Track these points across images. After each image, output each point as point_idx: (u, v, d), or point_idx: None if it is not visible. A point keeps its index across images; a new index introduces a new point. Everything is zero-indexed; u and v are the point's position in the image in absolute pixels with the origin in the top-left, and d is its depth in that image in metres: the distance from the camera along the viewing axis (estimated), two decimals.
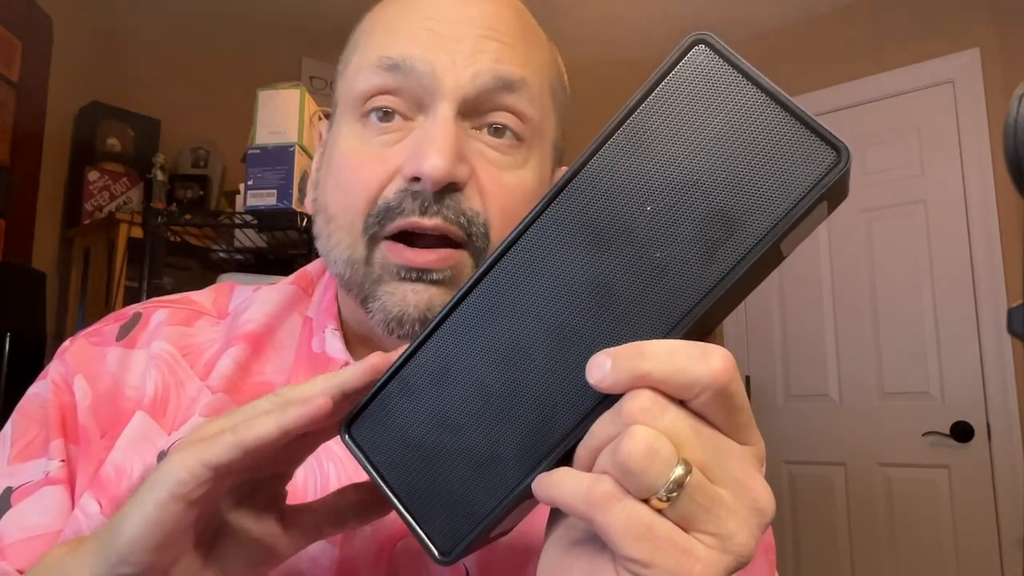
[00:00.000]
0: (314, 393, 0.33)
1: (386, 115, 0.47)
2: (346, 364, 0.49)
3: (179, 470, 0.31)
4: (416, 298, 0.45)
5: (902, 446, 2.33)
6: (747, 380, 2.67)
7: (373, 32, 0.50)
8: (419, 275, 0.45)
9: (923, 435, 2.28)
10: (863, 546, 2.37)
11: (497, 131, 0.47)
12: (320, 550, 0.44)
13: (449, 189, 0.45)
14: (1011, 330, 0.55)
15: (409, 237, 0.46)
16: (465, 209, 0.45)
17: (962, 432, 2.21)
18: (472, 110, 0.46)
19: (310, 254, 1.70)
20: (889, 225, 2.42)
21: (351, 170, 0.47)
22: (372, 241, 0.46)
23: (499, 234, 0.46)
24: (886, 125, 2.45)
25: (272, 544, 0.36)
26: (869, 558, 2.35)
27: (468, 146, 0.46)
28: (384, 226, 0.45)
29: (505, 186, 0.47)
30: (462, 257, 0.46)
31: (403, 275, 0.45)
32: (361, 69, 0.48)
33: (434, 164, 0.43)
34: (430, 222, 0.44)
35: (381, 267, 0.46)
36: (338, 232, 0.48)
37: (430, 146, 0.44)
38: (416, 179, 0.44)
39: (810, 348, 2.54)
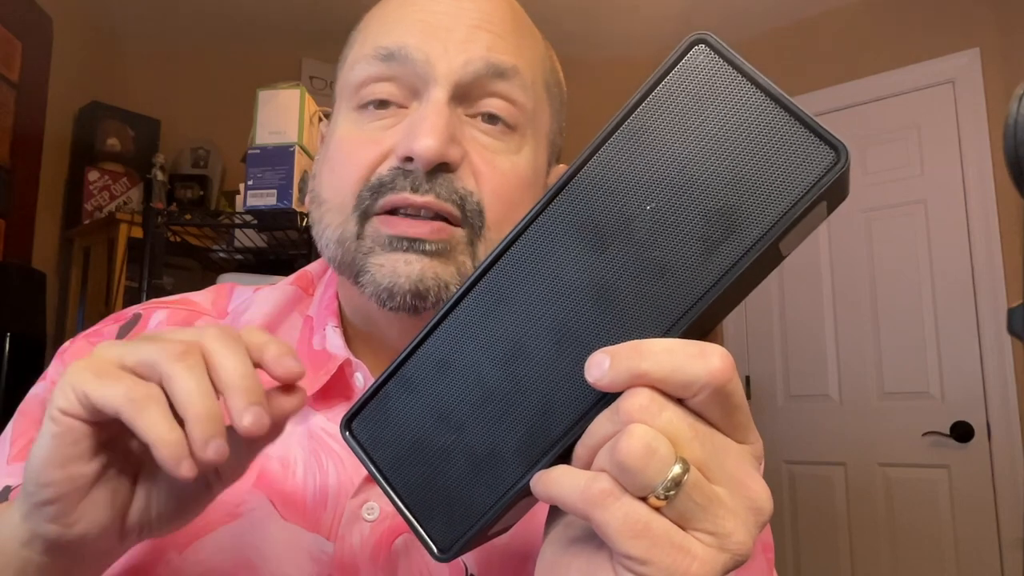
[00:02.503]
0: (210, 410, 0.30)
1: (382, 104, 0.48)
2: (347, 361, 0.49)
3: (66, 389, 0.31)
4: (408, 269, 0.45)
5: (902, 446, 2.33)
6: (747, 380, 2.67)
7: (369, 27, 0.51)
8: (411, 245, 0.45)
9: (923, 435, 2.28)
10: (863, 546, 2.37)
11: (491, 119, 0.48)
12: (318, 546, 0.44)
13: (441, 169, 0.45)
14: (1011, 330, 0.56)
15: (404, 211, 0.46)
16: (458, 187, 0.46)
17: (962, 432, 2.22)
18: (465, 96, 0.47)
19: (310, 254, 1.70)
20: (889, 225, 2.42)
21: (345, 154, 0.48)
22: (363, 217, 0.47)
23: (493, 214, 0.47)
24: (886, 125, 2.45)
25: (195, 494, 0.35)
26: (869, 558, 2.35)
27: (461, 131, 0.47)
28: (376, 201, 0.46)
29: (499, 169, 0.47)
30: (456, 232, 0.46)
31: (395, 245, 0.45)
32: (358, 61, 0.49)
33: (426, 144, 0.44)
34: (422, 199, 0.45)
35: (372, 240, 0.46)
36: (329, 214, 0.48)
37: (422, 125, 0.44)
38: (409, 159, 0.45)
39: (810, 348, 2.54)
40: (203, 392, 0.30)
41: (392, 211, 0.46)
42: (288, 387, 0.34)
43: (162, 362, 0.31)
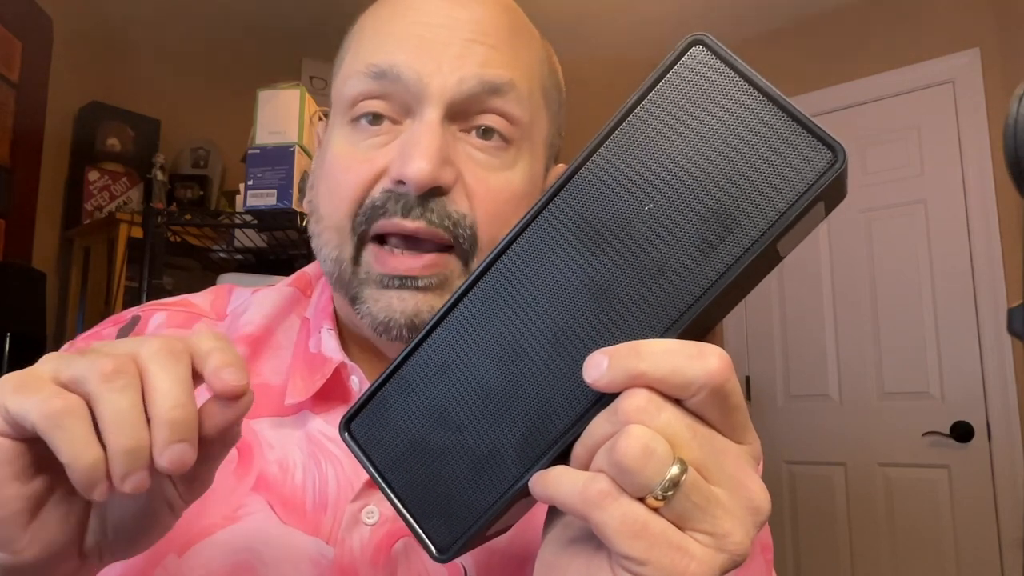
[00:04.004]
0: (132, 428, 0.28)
1: (375, 119, 0.48)
2: (341, 364, 0.49)
3: None
4: (402, 305, 0.45)
5: (902, 446, 2.33)
6: (747, 380, 2.67)
7: (363, 36, 0.51)
8: (403, 282, 0.45)
9: (923, 435, 2.28)
10: (863, 546, 2.37)
11: (485, 133, 0.48)
12: (318, 550, 0.44)
13: (434, 193, 0.45)
14: (1011, 330, 0.56)
15: (396, 239, 0.46)
16: (451, 211, 0.45)
17: (962, 432, 2.21)
18: (459, 113, 0.47)
19: (310, 254, 1.69)
20: (889, 225, 2.42)
21: (340, 171, 0.48)
22: (360, 241, 0.47)
23: (486, 236, 0.46)
24: (886, 125, 2.45)
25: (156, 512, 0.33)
26: (869, 558, 2.35)
27: (455, 149, 0.46)
28: (370, 225, 0.46)
29: (492, 188, 0.47)
30: (449, 261, 0.46)
31: (386, 283, 0.46)
32: (350, 75, 0.49)
33: (419, 167, 0.43)
34: (412, 224, 0.45)
35: (366, 272, 0.47)
36: (327, 232, 0.49)
37: (414, 149, 0.44)
38: (401, 182, 0.45)
39: (810, 348, 2.54)
40: (128, 421, 0.28)
41: (384, 239, 0.46)
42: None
43: (90, 380, 0.28)
